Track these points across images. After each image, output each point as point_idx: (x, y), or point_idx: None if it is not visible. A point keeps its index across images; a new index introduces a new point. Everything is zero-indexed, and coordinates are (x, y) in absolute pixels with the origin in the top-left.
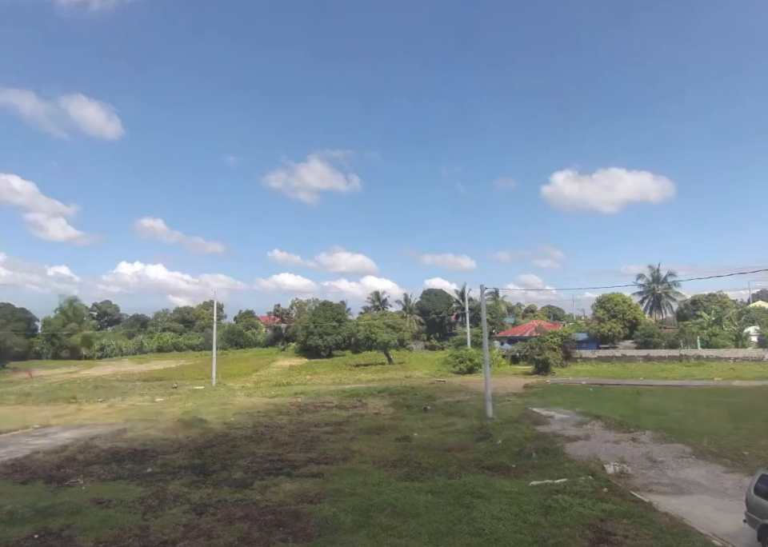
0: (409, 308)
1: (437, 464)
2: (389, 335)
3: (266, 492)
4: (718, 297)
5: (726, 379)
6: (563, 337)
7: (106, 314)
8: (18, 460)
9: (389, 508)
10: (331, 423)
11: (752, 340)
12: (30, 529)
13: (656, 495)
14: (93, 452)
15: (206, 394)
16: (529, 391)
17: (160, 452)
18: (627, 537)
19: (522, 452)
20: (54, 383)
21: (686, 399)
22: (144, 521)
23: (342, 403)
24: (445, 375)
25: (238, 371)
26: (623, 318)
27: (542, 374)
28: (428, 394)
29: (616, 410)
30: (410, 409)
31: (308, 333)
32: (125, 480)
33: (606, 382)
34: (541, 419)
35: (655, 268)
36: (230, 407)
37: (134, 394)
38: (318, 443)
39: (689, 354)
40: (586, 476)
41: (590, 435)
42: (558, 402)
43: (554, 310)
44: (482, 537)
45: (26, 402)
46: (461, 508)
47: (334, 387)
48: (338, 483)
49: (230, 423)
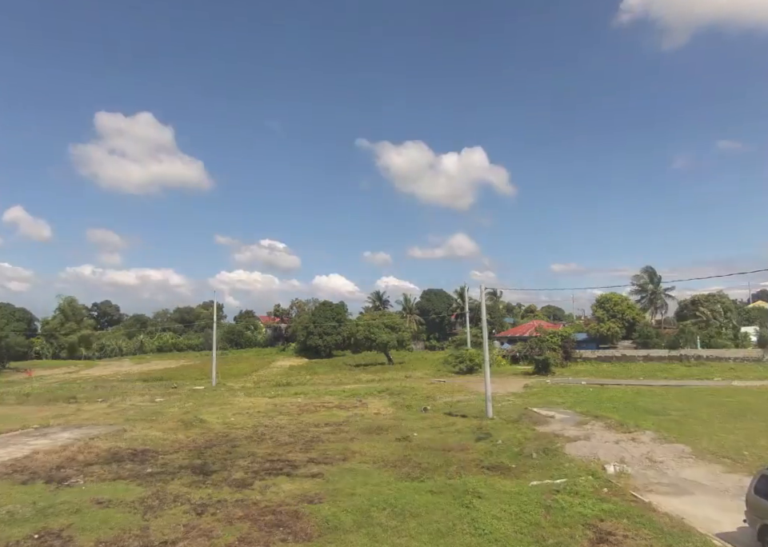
0: (409, 308)
1: (437, 464)
2: (388, 335)
3: (265, 492)
4: (718, 297)
5: (725, 379)
6: (563, 337)
7: (106, 314)
8: (17, 460)
9: (389, 508)
10: (331, 423)
11: (752, 340)
12: (30, 529)
13: (656, 495)
14: (93, 452)
15: (206, 394)
16: (529, 391)
17: (160, 452)
18: (627, 537)
19: (522, 452)
20: (53, 383)
21: (685, 399)
22: (144, 521)
23: (341, 403)
24: (445, 375)
25: (237, 371)
26: (623, 318)
27: (542, 374)
28: (428, 394)
29: (616, 410)
30: (410, 409)
31: (308, 333)
32: (125, 480)
33: (605, 382)
34: (541, 419)
35: (651, 269)
36: (230, 407)
37: (134, 394)
38: (318, 443)
39: (688, 354)
40: (586, 476)
41: (589, 435)
42: (558, 402)
43: (553, 310)
44: (482, 537)
45: (25, 402)
46: (461, 508)
47: (334, 387)
48: (337, 483)
49: (229, 423)
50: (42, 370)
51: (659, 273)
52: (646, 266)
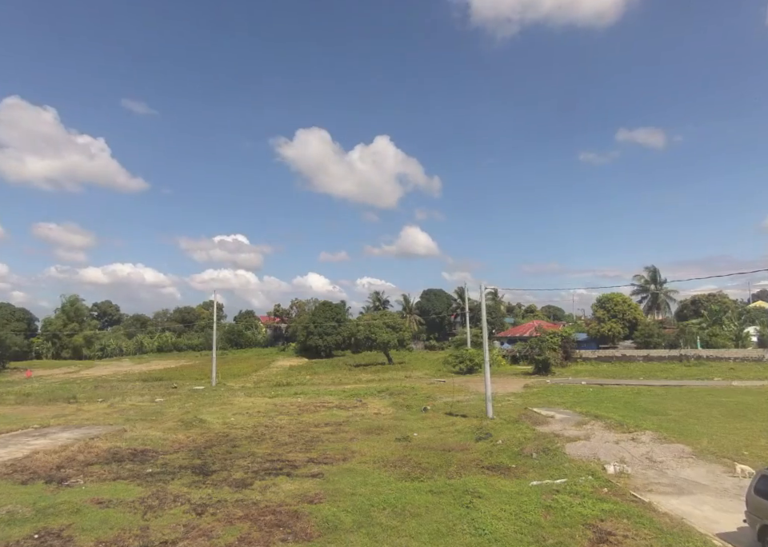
0: (409, 308)
1: (437, 464)
2: (389, 335)
3: (265, 492)
4: (718, 297)
5: (725, 379)
6: (563, 337)
7: (106, 314)
8: (17, 460)
9: (389, 508)
10: (331, 423)
11: (752, 340)
12: (30, 529)
13: (656, 495)
14: (93, 452)
15: (206, 394)
16: (529, 391)
17: (160, 452)
18: (627, 537)
19: (522, 452)
20: (53, 383)
21: (685, 399)
22: (144, 521)
23: (341, 403)
24: (445, 375)
25: (238, 371)
26: (623, 318)
27: (541, 374)
28: (428, 394)
29: (616, 410)
30: (410, 409)
31: (308, 333)
32: (125, 480)
33: (605, 382)
34: (541, 419)
35: (652, 268)
36: (230, 407)
37: (134, 394)
38: (318, 443)
39: (689, 354)
40: (586, 476)
41: (589, 435)
42: (558, 402)
43: (553, 310)
44: (482, 537)
45: (25, 402)
46: (461, 508)
47: (334, 387)
48: (337, 483)
49: (229, 423)
50: (42, 370)
51: (657, 273)
52: (648, 266)
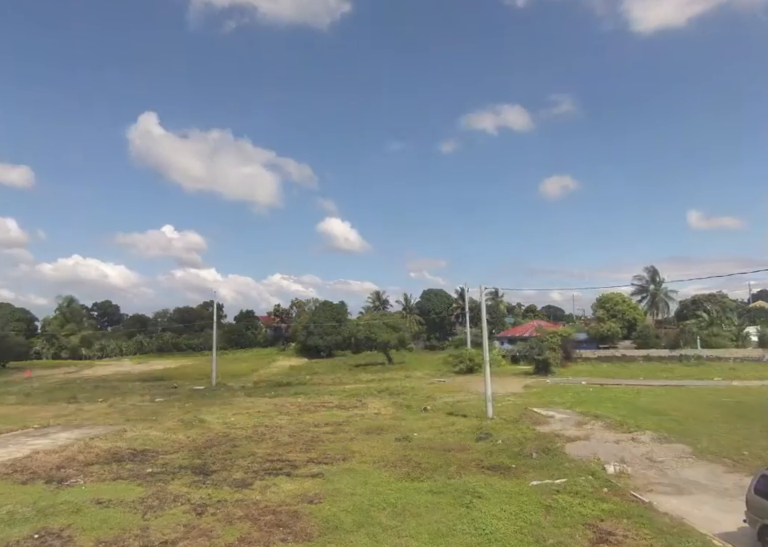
0: (409, 308)
1: (437, 464)
2: (389, 335)
3: (265, 492)
4: (718, 297)
5: (725, 379)
6: (563, 337)
7: (106, 314)
8: (18, 460)
9: (389, 508)
10: (331, 423)
11: (752, 340)
12: (30, 529)
13: (656, 495)
14: (93, 452)
15: (206, 394)
16: (529, 391)
17: (160, 452)
18: (627, 537)
19: (522, 452)
20: (53, 383)
21: (685, 399)
22: (144, 521)
23: (341, 403)
24: (445, 375)
25: (237, 371)
26: (623, 318)
27: (541, 374)
28: (428, 394)
29: (616, 410)
30: (410, 409)
31: (308, 333)
32: (125, 480)
33: (605, 382)
34: (541, 419)
35: (651, 269)
36: (230, 407)
37: (133, 394)
38: (318, 443)
39: (689, 354)
40: (586, 476)
41: (589, 435)
42: (558, 402)
43: (553, 310)
44: (482, 537)
45: (25, 402)
46: (461, 508)
47: (334, 387)
48: (337, 483)
49: (230, 423)
50: (42, 370)
51: (657, 273)
52: (648, 266)
